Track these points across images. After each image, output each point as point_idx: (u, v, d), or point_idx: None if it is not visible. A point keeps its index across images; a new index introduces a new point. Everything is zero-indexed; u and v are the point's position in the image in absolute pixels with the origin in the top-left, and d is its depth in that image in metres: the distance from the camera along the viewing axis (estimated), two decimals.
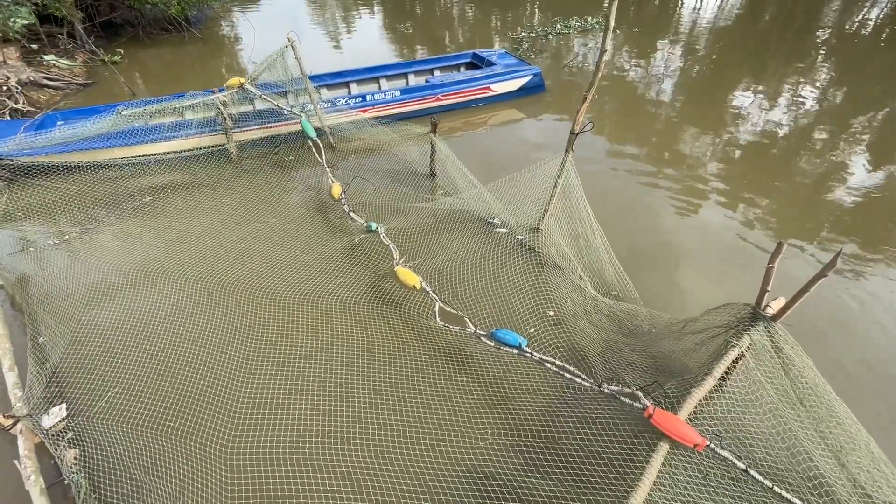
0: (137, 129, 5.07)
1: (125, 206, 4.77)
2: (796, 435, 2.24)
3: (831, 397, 2.30)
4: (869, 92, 7.11)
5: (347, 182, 4.79)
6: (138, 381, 3.07)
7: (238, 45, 9.62)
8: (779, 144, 5.84)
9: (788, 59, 8.46)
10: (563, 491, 2.39)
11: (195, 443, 2.70)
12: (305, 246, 4.21)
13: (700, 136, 6.04)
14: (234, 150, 5.40)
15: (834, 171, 5.31)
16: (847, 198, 4.87)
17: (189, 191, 5.00)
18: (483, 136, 6.26)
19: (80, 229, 4.48)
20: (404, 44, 9.70)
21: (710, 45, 9.30)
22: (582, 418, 2.67)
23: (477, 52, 7.39)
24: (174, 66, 8.51)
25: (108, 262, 4.01)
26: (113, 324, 3.47)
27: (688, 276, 3.94)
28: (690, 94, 7.27)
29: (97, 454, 2.65)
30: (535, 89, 6.95)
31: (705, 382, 2.37)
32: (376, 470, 2.57)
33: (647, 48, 9.06)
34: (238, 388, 3.00)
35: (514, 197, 4.18)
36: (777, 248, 2.24)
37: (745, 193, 4.96)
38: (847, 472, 2.21)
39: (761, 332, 2.44)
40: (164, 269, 3.92)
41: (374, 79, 7.01)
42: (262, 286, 3.73)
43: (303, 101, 5.44)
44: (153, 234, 4.39)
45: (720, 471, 2.18)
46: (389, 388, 3.00)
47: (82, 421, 2.85)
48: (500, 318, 3.41)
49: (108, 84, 7.79)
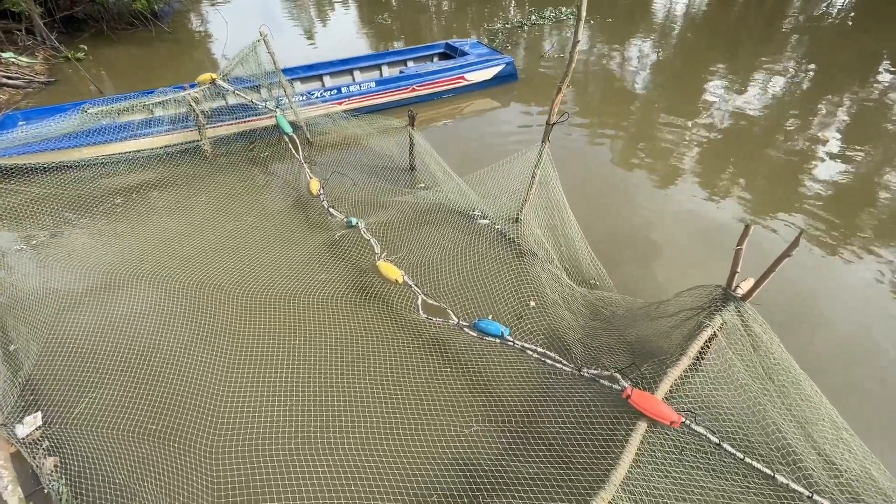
0: (106, 128, 4.92)
1: (96, 208, 4.63)
2: (765, 408, 2.34)
3: (797, 372, 2.41)
4: (835, 77, 7.35)
5: (326, 177, 4.75)
6: (116, 385, 3.02)
7: (210, 39, 9.37)
8: (750, 130, 6.01)
9: (759, 46, 8.67)
10: (546, 473, 2.46)
11: (178, 444, 2.67)
12: (285, 243, 4.17)
13: (675, 123, 6.17)
14: (209, 148, 5.29)
15: (803, 155, 5.49)
16: (816, 182, 5.05)
17: (162, 190, 4.89)
18: (460, 126, 6.28)
19: (49, 233, 4.34)
20: (381, 36, 9.60)
21: (682, 33, 9.47)
22: (563, 402, 2.74)
23: (450, 43, 7.40)
24: (142, 63, 8.24)
25: (81, 266, 3.90)
26: (87, 329, 3.39)
27: (664, 260, 4.05)
28: (665, 82, 7.40)
29: (77, 461, 2.61)
30: (508, 78, 7.03)
31: (680, 362, 2.45)
32: (363, 462, 2.60)
33: (621, 38, 9.17)
34: (220, 388, 2.97)
35: (494, 188, 4.22)
36: (744, 230, 2.33)
37: (719, 178, 5.11)
38: (812, 441, 2.33)
39: (732, 312, 2.54)
40: (140, 272, 3.83)
41: (347, 71, 6.96)
42: (241, 285, 3.69)
43: (277, 94, 5.34)
44: (127, 236, 4.29)
45: (695, 445, 2.27)
46: (374, 381, 3.02)
47: (60, 428, 2.79)
48: (483, 309, 3.45)
49: (72, 82, 7.51)
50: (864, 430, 2.42)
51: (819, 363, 3.17)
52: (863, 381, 3.13)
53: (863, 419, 2.79)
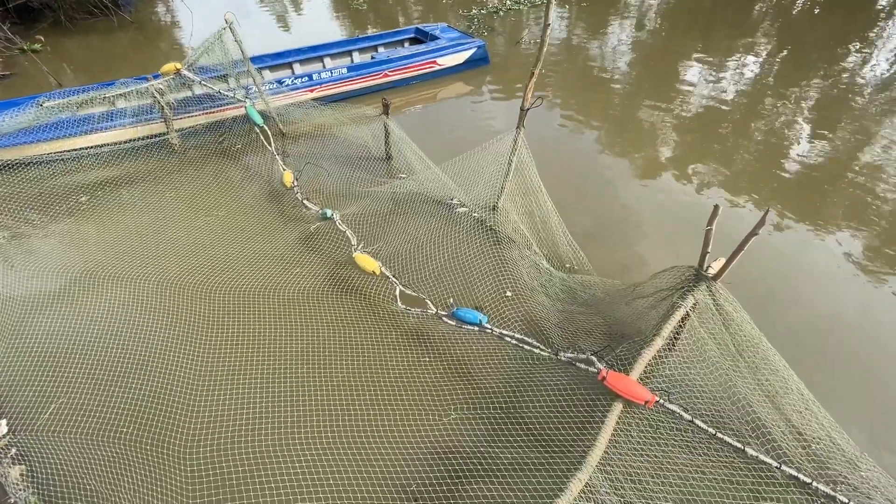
0: (64, 121, 4.70)
1: (59, 206, 4.43)
2: (736, 385, 2.40)
3: (766, 347, 2.47)
4: (806, 61, 7.48)
5: (299, 169, 4.64)
6: (85, 388, 2.92)
7: (175, 28, 9.02)
8: (724, 113, 6.08)
9: (733, 30, 8.75)
10: (525, 457, 2.48)
11: (151, 446, 2.61)
12: (259, 237, 4.07)
13: (650, 107, 6.20)
14: (177, 141, 5.11)
15: (776, 138, 5.58)
16: (788, 163, 5.14)
17: (130, 186, 4.71)
18: (433, 112, 6.22)
19: (9, 234, 4.14)
20: (356, 21, 9.38)
21: (658, 17, 9.49)
22: (541, 386, 2.77)
23: (420, 27, 7.31)
24: (104, 53, 7.89)
25: (44, 268, 3.74)
26: (53, 332, 3.26)
27: (642, 242, 4.09)
28: (640, 65, 7.42)
29: (46, 468, 2.52)
30: (480, 62, 7.00)
31: (654, 343, 2.49)
32: (342, 455, 2.58)
33: (597, 22, 9.15)
34: (193, 387, 2.90)
35: (470, 176, 4.18)
36: (713, 210, 2.35)
37: (695, 161, 5.17)
38: (782, 413, 2.40)
39: (704, 292, 2.58)
40: (107, 272, 3.70)
41: (317, 58, 6.80)
42: (213, 282, 3.60)
43: (246, 83, 5.18)
44: (93, 236, 4.12)
45: (669, 424, 2.32)
46: (353, 374, 2.99)
47: (27, 435, 2.69)
48: (461, 298, 3.44)
49: (30, 75, 7.14)
50: (829, 401, 2.50)
51: (788, 338, 3.25)
52: (829, 355, 3.23)
53: (828, 391, 2.89)
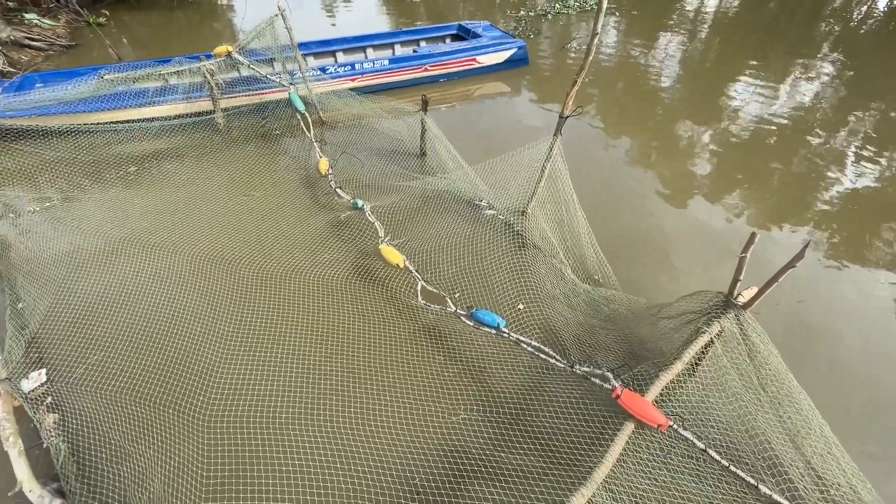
0: (121, 94, 4.95)
1: (109, 174, 4.69)
2: (756, 419, 2.33)
3: (792, 384, 2.38)
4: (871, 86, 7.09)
5: (335, 158, 4.74)
6: (118, 349, 3.08)
7: (229, 11, 9.32)
8: (773, 136, 5.85)
9: (792, 49, 8.38)
10: (530, 466, 2.47)
11: (173, 410, 2.74)
12: (290, 221, 4.19)
13: (694, 125, 6.02)
14: (222, 121, 5.30)
15: (827, 165, 5.33)
16: (836, 193, 4.91)
17: (174, 161, 4.92)
18: (469, 110, 6.24)
19: (62, 196, 4.41)
20: (403, 14, 9.46)
21: (712, 31, 9.18)
22: (553, 397, 2.75)
23: (463, 24, 7.35)
24: (162, 30, 8.25)
25: (91, 231, 3.97)
26: (94, 292, 3.46)
27: (672, 263, 3.99)
28: (688, 81, 7.21)
29: (77, 419, 2.69)
30: (519, 62, 7.01)
31: (673, 366, 2.43)
32: (350, 439, 2.64)
33: (648, 33, 8.93)
34: (217, 358, 3.03)
35: (502, 179, 4.17)
36: (750, 238, 2.28)
37: (734, 184, 5.00)
38: (801, 454, 2.31)
39: (731, 320, 2.50)
40: (148, 240, 3.89)
41: (360, 48, 6.93)
42: (245, 259, 3.73)
43: (291, 68, 5.32)
44: (137, 204, 4.34)
45: (681, 450, 2.27)
46: (368, 362, 3.05)
47: (62, 386, 2.87)
48: (481, 299, 3.45)
49: (92, 47, 7.55)
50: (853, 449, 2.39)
51: (815, 378, 3.12)
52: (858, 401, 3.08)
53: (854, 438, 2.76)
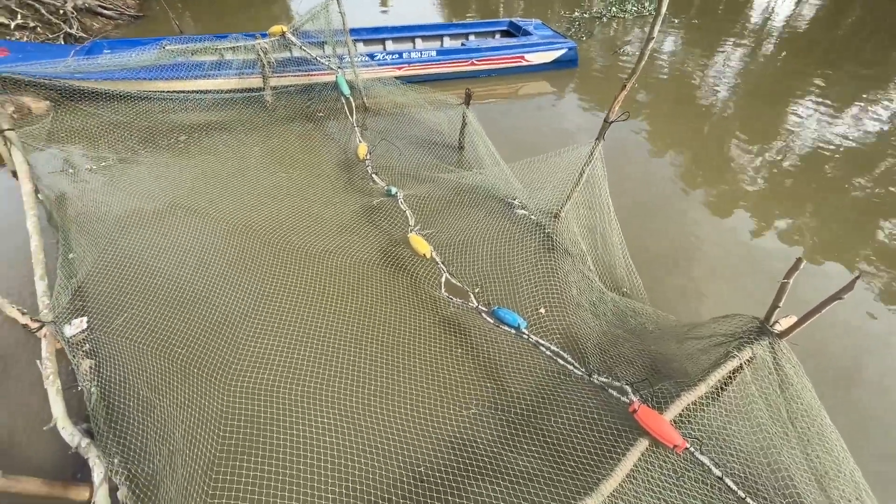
0: (179, 65, 5.18)
1: (161, 140, 4.92)
2: (780, 453, 2.21)
3: (825, 422, 2.25)
4: None
5: (374, 144, 4.80)
6: (154, 307, 3.25)
7: None
8: (831, 162, 5.51)
9: (863, 72, 7.85)
10: (537, 469, 2.45)
11: (199, 371, 2.86)
12: (325, 201, 4.28)
13: (743, 140, 5.75)
14: (270, 98, 5.46)
15: (882, 198, 4.99)
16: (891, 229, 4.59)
17: (222, 133, 5.12)
18: (512, 108, 6.17)
19: (117, 157, 4.66)
20: (453, 7, 9.45)
21: (776, 47, 8.71)
22: (567, 404, 2.70)
23: (513, 21, 7.27)
24: (223, 7, 8.55)
25: (140, 193, 4.18)
26: (137, 250, 3.65)
27: (707, 282, 3.84)
28: (746, 96, 6.88)
29: (110, 367, 2.85)
30: (568, 63, 6.88)
31: (697, 388, 2.35)
32: (362, 420, 2.68)
33: (707, 43, 8.57)
34: (245, 326, 3.14)
35: (538, 179, 4.12)
36: (795, 263, 2.16)
37: (782, 207, 4.74)
38: (827, 496, 2.18)
39: (765, 348, 2.38)
40: (191, 206, 4.06)
41: (409, 38, 6.96)
42: (280, 234, 3.84)
43: (340, 52, 5.42)
44: (184, 171, 4.54)
45: (696, 474, 2.19)
46: (386, 347, 3.09)
47: (100, 335, 3.05)
48: (504, 298, 3.43)
49: (157, 20, 7.93)
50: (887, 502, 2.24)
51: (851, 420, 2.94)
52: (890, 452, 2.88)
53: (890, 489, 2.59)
